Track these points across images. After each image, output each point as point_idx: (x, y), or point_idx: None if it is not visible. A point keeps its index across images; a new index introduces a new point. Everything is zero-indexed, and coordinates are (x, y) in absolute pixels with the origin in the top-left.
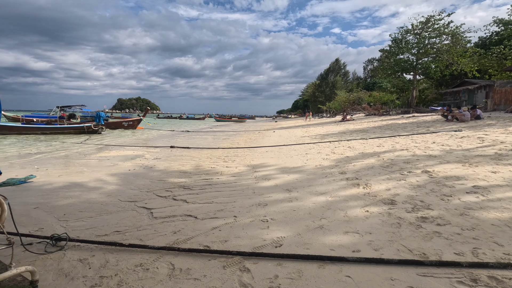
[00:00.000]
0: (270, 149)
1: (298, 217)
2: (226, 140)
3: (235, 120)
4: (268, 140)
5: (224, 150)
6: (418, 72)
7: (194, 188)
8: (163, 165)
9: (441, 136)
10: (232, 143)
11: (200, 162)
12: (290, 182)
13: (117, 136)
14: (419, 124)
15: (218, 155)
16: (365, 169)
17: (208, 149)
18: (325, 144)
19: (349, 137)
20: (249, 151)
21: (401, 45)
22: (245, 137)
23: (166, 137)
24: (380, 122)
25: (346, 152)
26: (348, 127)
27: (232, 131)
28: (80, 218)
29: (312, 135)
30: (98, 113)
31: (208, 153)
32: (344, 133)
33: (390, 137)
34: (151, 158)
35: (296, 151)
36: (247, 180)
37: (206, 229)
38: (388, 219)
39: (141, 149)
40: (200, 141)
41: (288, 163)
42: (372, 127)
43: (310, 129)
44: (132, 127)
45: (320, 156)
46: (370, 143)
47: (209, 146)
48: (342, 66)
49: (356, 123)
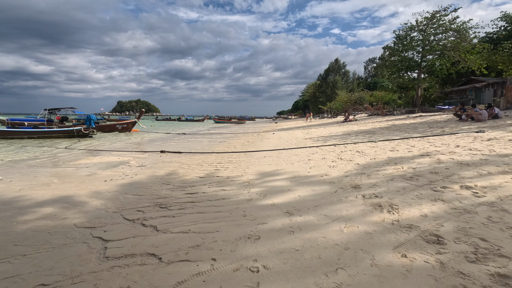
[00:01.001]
0: (269, 154)
1: (303, 265)
2: (222, 143)
3: (234, 122)
4: (267, 143)
5: (218, 155)
6: (423, 70)
7: (173, 207)
8: (146, 174)
9: (462, 138)
10: (228, 147)
11: (188, 171)
12: (291, 201)
13: (108, 140)
14: (430, 125)
15: (210, 161)
16: (384, 182)
17: (201, 154)
18: (329, 147)
19: (355, 139)
20: (245, 156)
21: (405, 42)
22: (243, 139)
23: (160, 141)
24: (385, 122)
25: (356, 158)
26: (352, 128)
27: (230, 133)
28: (6, 258)
29: (314, 137)
30: (88, 116)
31: (200, 158)
32: (348, 134)
33: (402, 140)
34: (136, 166)
35: (298, 156)
36: (238, 196)
37: (168, 285)
38: (443, 276)
39: (129, 154)
40: (195, 145)
41: (289, 171)
42: (378, 128)
43: (312, 130)
44: (126, 129)
45: (325, 162)
46: (381, 147)
47: (203, 150)
48: (341, 66)
49: (360, 124)
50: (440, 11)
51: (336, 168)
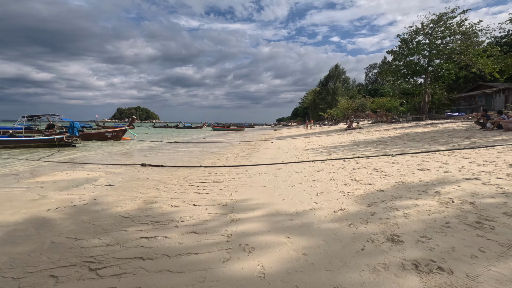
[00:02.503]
0: (264, 169)
1: None
2: (215, 154)
3: (233, 129)
4: (264, 153)
5: (205, 170)
6: (430, 75)
7: (107, 270)
8: (107, 200)
9: (509, 153)
10: (220, 158)
11: (162, 194)
12: (292, 269)
13: (92, 150)
14: (451, 134)
15: (194, 178)
16: (437, 231)
17: (186, 169)
18: (337, 162)
19: (366, 151)
20: (236, 172)
21: (410, 45)
22: (238, 149)
23: (148, 151)
24: (394, 131)
25: (375, 180)
26: (358, 137)
27: (226, 142)
28: None
29: (316, 147)
30: (72, 123)
31: (184, 174)
32: (356, 145)
33: (426, 153)
34: (102, 185)
35: (299, 173)
36: (211, 247)
37: None
38: None
39: (105, 168)
40: (183, 156)
41: (287, 200)
42: (388, 137)
43: (313, 139)
44: (116, 138)
45: (336, 186)
46: (402, 163)
47: (191, 163)
48: (341, 72)
49: (365, 132)
50: (448, 13)
51: (352, 197)
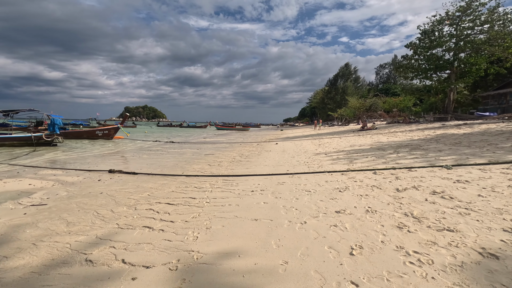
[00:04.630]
0: (262, 183)
1: None
2: (207, 157)
3: (238, 129)
4: (266, 158)
5: (183, 181)
6: (456, 69)
7: None
8: (4, 239)
9: None
10: (211, 163)
11: (93, 227)
12: None
13: (72, 149)
14: (508, 136)
15: (162, 194)
16: None
17: (161, 177)
18: (366, 175)
19: (398, 158)
20: (222, 187)
21: (432, 37)
22: (237, 152)
23: (133, 152)
24: (419, 132)
25: (452, 218)
26: (378, 139)
27: (226, 143)
28: None
29: (330, 150)
30: (52, 120)
31: (153, 188)
32: (381, 149)
33: (498, 165)
34: (31, 203)
35: (311, 194)
36: None
37: None
38: None
39: (61, 175)
40: (169, 160)
41: (294, 266)
42: (419, 139)
43: (324, 140)
44: (108, 136)
45: (382, 229)
46: (473, 180)
47: (173, 169)
48: (352, 71)
49: (385, 134)
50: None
51: (431, 268)
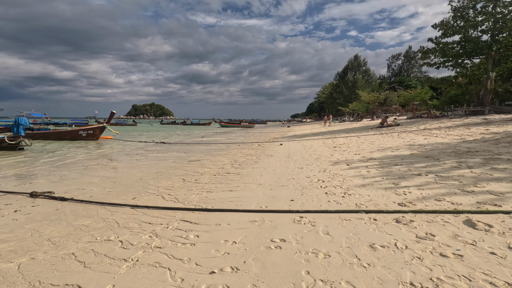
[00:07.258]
0: (244, 233)
1: None
2: (190, 165)
3: (242, 126)
4: (265, 166)
5: (124, 217)
6: (495, 54)
7: None
8: None
9: None
10: (186, 179)
11: None
12: None
13: (36, 154)
14: None
15: (61, 253)
16: None
17: (93, 209)
18: (446, 225)
19: (478, 176)
20: (170, 242)
21: (467, 16)
22: (231, 156)
23: (106, 157)
24: (465, 129)
25: None
26: (412, 139)
27: (223, 143)
28: None
29: (352, 158)
30: (16, 120)
31: (58, 236)
32: (430, 157)
33: None
34: None
35: None
36: None
37: None
38: None
39: None
40: (135, 171)
41: None
42: (477, 141)
43: (339, 141)
44: (93, 137)
45: None
46: None
47: (130, 187)
48: (362, 63)
49: (414, 131)
50: None
51: None
